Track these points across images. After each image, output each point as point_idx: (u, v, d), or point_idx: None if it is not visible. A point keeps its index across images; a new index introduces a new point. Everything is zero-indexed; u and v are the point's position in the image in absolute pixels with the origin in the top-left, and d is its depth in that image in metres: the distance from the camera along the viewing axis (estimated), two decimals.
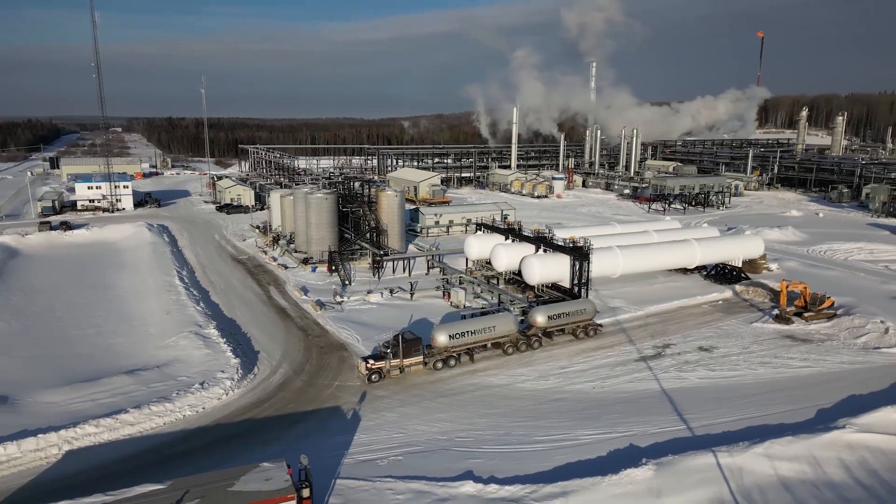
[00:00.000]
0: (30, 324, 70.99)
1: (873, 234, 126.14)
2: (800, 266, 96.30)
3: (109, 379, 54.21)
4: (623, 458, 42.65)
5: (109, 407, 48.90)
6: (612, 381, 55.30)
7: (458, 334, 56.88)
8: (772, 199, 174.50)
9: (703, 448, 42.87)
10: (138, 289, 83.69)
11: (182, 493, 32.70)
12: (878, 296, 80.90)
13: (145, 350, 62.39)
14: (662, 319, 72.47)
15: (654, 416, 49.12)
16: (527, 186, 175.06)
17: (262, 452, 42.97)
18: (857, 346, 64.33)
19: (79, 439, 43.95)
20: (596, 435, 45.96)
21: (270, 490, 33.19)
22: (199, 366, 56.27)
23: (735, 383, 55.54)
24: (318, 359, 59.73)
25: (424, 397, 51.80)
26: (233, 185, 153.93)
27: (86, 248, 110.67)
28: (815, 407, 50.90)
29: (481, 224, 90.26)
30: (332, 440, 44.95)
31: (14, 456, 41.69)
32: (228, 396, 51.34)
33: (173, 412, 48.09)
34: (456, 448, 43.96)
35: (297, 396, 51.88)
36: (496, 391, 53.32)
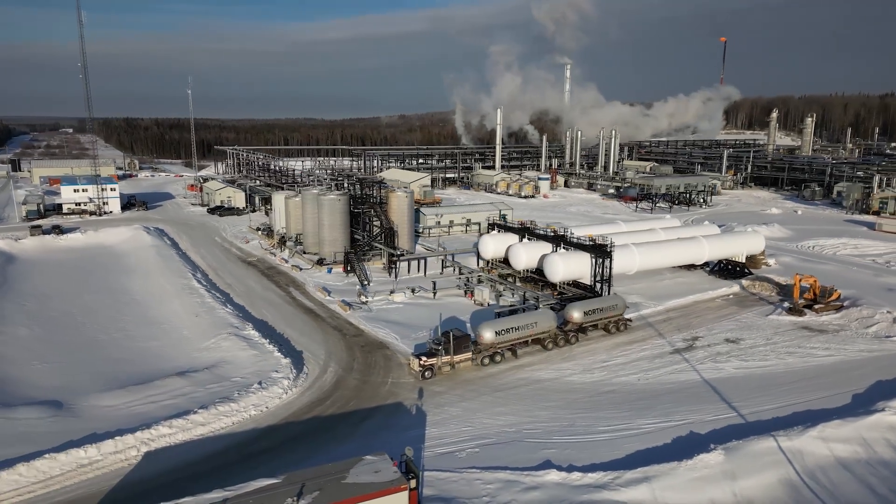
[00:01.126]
0: (53, 329, 69.87)
1: (852, 229, 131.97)
2: (795, 261, 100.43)
3: (162, 381, 54.13)
4: (688, 444, 44.76)
5: (173, 408, 48.97)
6: (655, 373, 57.48)
7: (503, 331, 58.35)
8: (749, 198, 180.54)
9: (759, 433, 45.23)
10: (154, 292, 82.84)
11: (299, 486, 33.39)
12: (875, 288, 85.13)
13: (185, 352, 62.22)
14: (683, 314, 75.18)
15: (704, 404, 51.40)
16: (513, 186, 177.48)
17: (341, 448, 43.83)
18: (869, 336, 67.89)
19: (154, 440, 44.02)
20: (655, 424, 47.96)
21: (384, 481, 34.09)
22: (249, 366, 56.48)
23: (768, 372, 58.27)
24: (363, 357, 60.46)
25: (480, 392, 53.11)
26: (223, 187, 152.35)
27: (83, 252, 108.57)
28: (850, 392, 53.88)
29: (495, 224, 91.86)
30: (405, 435, 45.92)
31: (95, 459, 41.62)
32: (288, 395, 51.79)
33: (239, 412, 48.40)
34: (527, 440, 45.42)
35: (356, 394, 52.63)
36: (547, 385, 54.95)
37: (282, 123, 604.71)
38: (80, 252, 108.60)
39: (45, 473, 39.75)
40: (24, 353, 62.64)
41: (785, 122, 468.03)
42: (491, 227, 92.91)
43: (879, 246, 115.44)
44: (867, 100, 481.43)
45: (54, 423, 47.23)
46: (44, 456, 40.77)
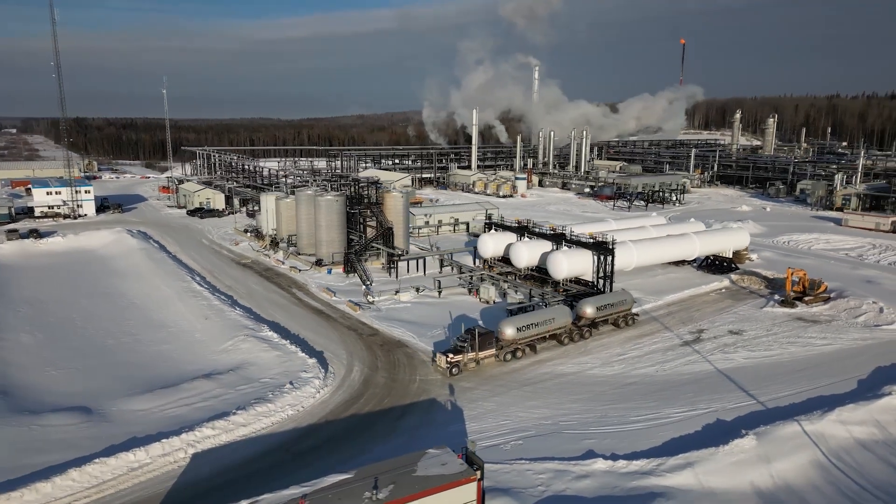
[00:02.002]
0: (57, 335, 68.46)
1: (821, 225, 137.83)
2: (775, 256, 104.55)
3: (190, 384, 53.87)
4: (718, 431, 46.86)
5: (208, 410, 48.87)
6: (670, 365, 59.64)
7: (524, 327, 59.71)
8: (717, 196, 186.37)
9: (781, 419, 47.64)
10: (154, 295, 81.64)
11: (373, 479, 34.04)
12: (855, 280, 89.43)
13: (202, 355, 61.82)
14: (683, 307, 77.84)
15: (723, 393, 53.67)
16: (491, 186, 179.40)
17: (387, 444, 44.56)
18: (859, 325, 71.50)
19: (199, 442, 43.96)
20: (683, 412, 49.95)
21: (454, 473, 34.98)
22: (275, 367, 56.54)
23: (775, 361, 61.01)
24: (384, 356, 61.05)
25: (509, 387, 54.34)
26: (201, 189, 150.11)
27: (66, 256, 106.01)
28: (854, 378, 56.91)
29: (493, 223, 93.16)
30: (446, 430, 46.87)
31: (144, 462, 41.40)
32: (321, 395, 52.13)
33: (277, 412, 48.57)
34: (566, 431, 46.84)
35: (388, 392, 53.26)
36: (571, 378, 56.53)
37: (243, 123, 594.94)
38: (62, 256, 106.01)
39: (97, 478, 39.41)
40: (35, 360, 61.36)
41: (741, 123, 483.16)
42: (488, 226, 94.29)
43: (849, 241, 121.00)
44: (816, 101, 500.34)
45: (90, 429, 46.67)
46: (94, 461, 40.40)
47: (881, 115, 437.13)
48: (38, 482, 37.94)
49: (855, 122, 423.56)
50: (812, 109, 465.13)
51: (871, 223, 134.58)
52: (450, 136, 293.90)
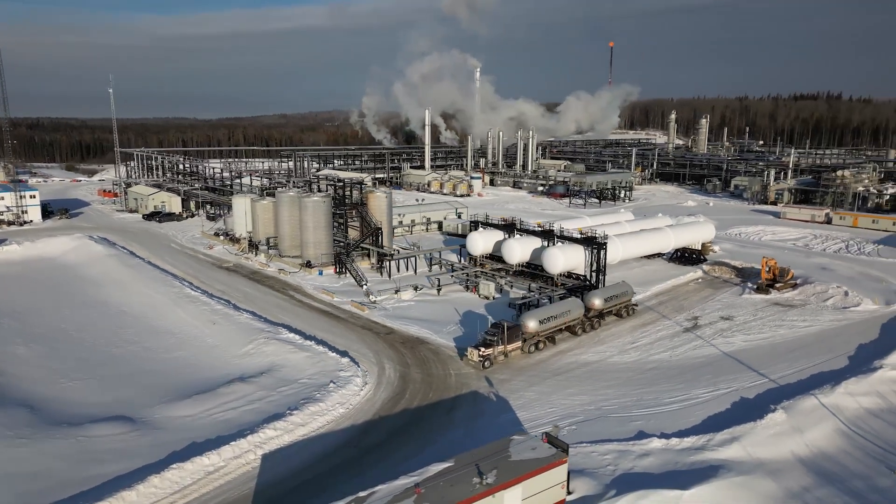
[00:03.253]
0: (56, 347, 65.86)
1: (762, 218, 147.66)
2: (734, 247, 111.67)
3: (226, 388, 53.45)
4: (745, 407, 50.80)
5: (259, 413, 48.81)
6: (681, 350, 63.56)
7: (545, 319, 62.21)
8: (660, 192, 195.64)
9: (797, 394, 52.06)
10: (145, 302, 79.25)
11: (473, 466, 35.49)
12: (811, 267, 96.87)
13: (223, 359, 61.14)
14: (670, 297, 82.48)
15: (736, 373, 57.83)
16: (447, 186, 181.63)
17: (450, 435, 46.12)
18: (829, 308, 77.96)
19: (265, 443, 44.06)
20: (709, 392, 53.68)
21: (547, 456, 36.87)
22: (308, 368, 56.67)
23: (770, 343, 66.03)
24: (410, 353, 62.10)
25: (542, 377, 56.65)
26: (155, 192, 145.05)
27: (26, 265, 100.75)
28: (844, 355, 62.46)
29: (480, 221, 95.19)
30: (500, 419, 48.72)
31: (219, 465, 41.21)
32: (364, 392, 52.82)
33: (329, 411, 49.03)
34: (611, 415, 49.56)
35: (428, 387, 54.48)
36: (595, 366, 59.43)
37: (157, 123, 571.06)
38: (22, 265, 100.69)
39: (178, 483, 39.04)
40: (44, 372, 59.03)
41: (660, 123, 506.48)
42: (474, 224, 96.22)
43: (791, 232, 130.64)
44: (729, 102, 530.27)
45: (142, 437, 45.78)
46: (171, 467, 39.91)
47: (789, 115, 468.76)
48: (122, 491, 37.29)
49: (766, 122, 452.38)
50: (727, 110, 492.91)
51: (807, 215, 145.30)
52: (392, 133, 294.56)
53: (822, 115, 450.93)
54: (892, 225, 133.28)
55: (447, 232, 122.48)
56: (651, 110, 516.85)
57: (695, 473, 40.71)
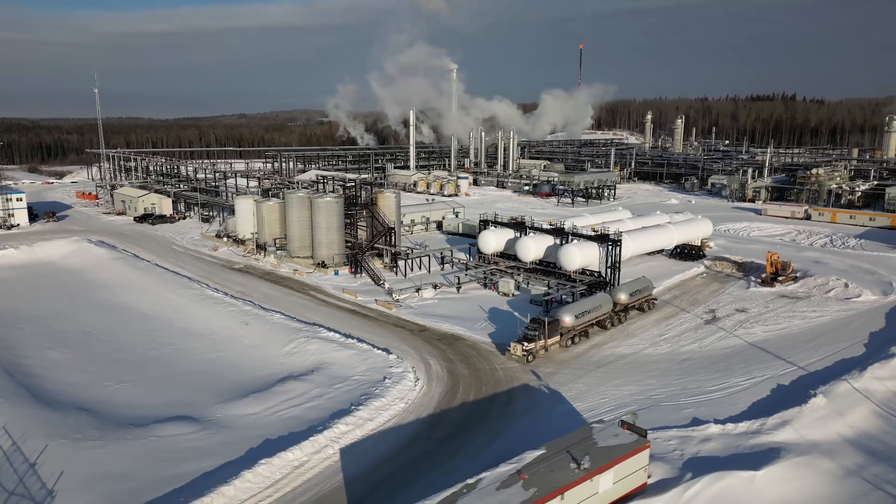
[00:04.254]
0: (88, 351, 65.42)
1: (745, 215, 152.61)
2: (728, 243, 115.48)
3: (282, 386, 54.04)
4: (785, 393, 53.52)
5: (323, 409, 49.64)
6: (708, 341, 66.20)
7: (580, 314, 64.19)
8: (641, 191, 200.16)
9: (829, 380, 54.97)
10: (165, 304, 78.73)
11: (565, 452, 37.08)
12: (805, 261, 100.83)
13: (266, 359, 61.56)
14: (682, 291, 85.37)
15: (766, 362, 60.60)
16: (434, 186, 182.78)
17: (517, 426, 47.65)
18: (833, 299, 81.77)
19: (341, 438, 44.97)
20: (748, 380, 56.28)
21: (631, 442, 38.72)
22: (358, 365, 57.51)
23: (789, 333, 69.14)
24: (450, 350, 63.34)
25: (586, 370, 58.54)
26: (145, 194, 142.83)
27: (28, 269, 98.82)
28: (860, 342, 65.86)
29: (490, 220, 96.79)
30: (559, 409, 50.47)
31: (303, 460, 42.00)
32: (419, 387, 53.94)
33: (391, 405, 50.08)
34: (662, 403, 51.70)
35: (478, 381, 55.86)
36: (633, 358, 61.60)
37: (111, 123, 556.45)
38: (23, 269, 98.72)
39: (269, 478, 39.73)
40: (85, 376, 58.70)
41: (627, 123, 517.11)
42: (483, 223, 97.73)
43: (776, 228, 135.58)
44: (692, 103, 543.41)
45: (213, 435, 46.17)
46: (259, 462, 40.53)
47: (749, 116, 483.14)
48: (219, 486, 37.85)
49: (729, 122, 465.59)
50: (690, 111, 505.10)
51: (787, 212, 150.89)
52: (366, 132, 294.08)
53: (781, 115, 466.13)
54: (868, 220, 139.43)
55: (448, 231, 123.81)
56: (617, 111, 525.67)
57: (758, 455, 43.01)
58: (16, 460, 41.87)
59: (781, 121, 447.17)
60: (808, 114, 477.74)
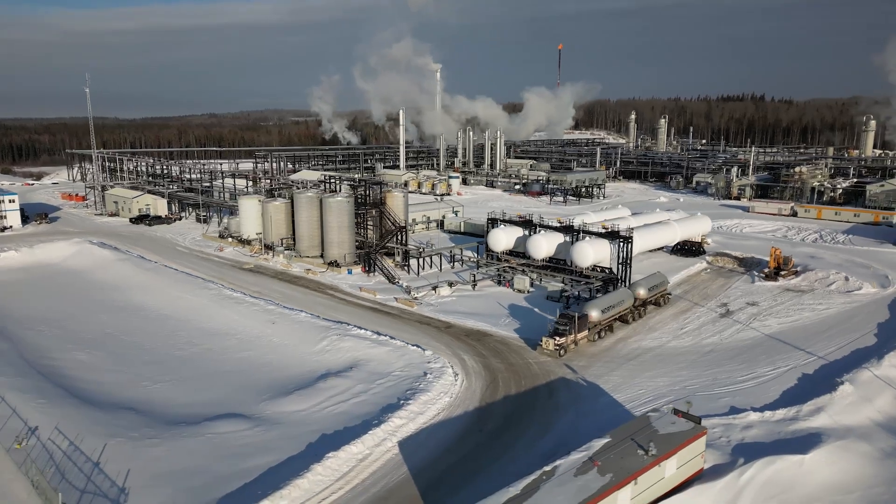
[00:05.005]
0: (117, 352, 65.18)
1: (733, 212, 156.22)
2: (723, 239, 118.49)
3: (324, 383, 54.69)
4: (811, 381, 55.68)
5: (371, 404, 50.46)
6: (728, 333, 68.28)
7: (605, 309, 65.78)
8: (628, 189, 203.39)
9: (850, 368, 57.30)
10: (183, 305, 78.45)
11: (630, 440, 38.43)
12: (800, 256, 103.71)
13: (299, 357, 62.03)
14: (691, 286, 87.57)
15: (787, 353, 62.78)
16: (426, 185, 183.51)
17: (564, 418, 48.95)
18: (836, 292, 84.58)
19: (396, 431, 45.77)
20: (773, 370, 58.34)
21: (690, 429, 40.25)
22: (396, 361, 58.29)
23: (801, 325, 71.55)
24: (480, 345, 64.37)
25: (617, 363, 60.06)
26: (139, 195, 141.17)
27: (30, 271, 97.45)
28: (870, 333, 68.49)
29: (499, 219, 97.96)
30: (600, 401, 51.89)
31: (366, 453, 42.77)
32: (459, 381, 54.88)
33: (437, 399, 51.05)
34: (698, 393, 53.36)
35: (516, 375, 57.02)
36: (659, 351, 63.34)
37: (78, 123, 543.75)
38: (25, 271, 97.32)
39: (337, 471, 40.45)
40: (119, 377, 58.59)
41: (604, 123, 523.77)
42: (491, 222, 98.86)
43: (765, 224, 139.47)
44: (666, 103, 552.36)
45: (269, 431, 46.68)
46: (326, 456, 41.21)
47: (723, 116, 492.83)
48: (294, 479, 38.48)
49: (703, 122, 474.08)
50: (665, 110, 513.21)
51: (774, 209, 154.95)
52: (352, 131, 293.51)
53: (753, 115, 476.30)
54: (853, 216, 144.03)
55: (450, 230, 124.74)
56: (594, 111, 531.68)
57: (800, 441, 44.89)
58: (77, 459, 41.90)
59: (754, 120, 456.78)
60: (779, 113, 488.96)
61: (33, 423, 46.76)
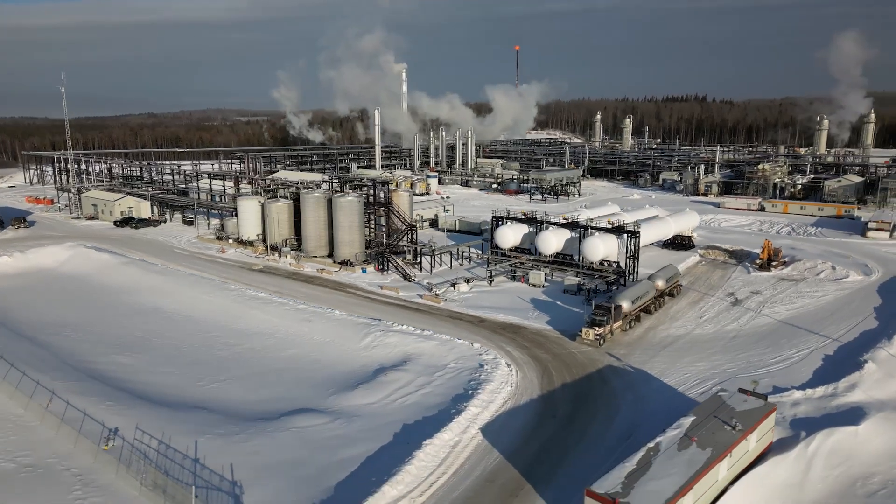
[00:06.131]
0: (156, 354, 64.83)
1: (704, 208, 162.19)
2: (707, 233, 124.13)
3: (385, 377, 56.04)
4: (835, 361, 60.09)
5: (438, 396, 52.28)
6: (744, 320, 72.41)
7: (635, 300, 68.99)
8: (599, 188, 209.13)
9: (865, 348, 61.89)
10: (205, 307, 78.08)
11: (713, 417, 41.35)
12: (782, 248, 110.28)
13: (347, 353, 63.13)
14: (694, 278, 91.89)
15: (804, 336, 67.11)
16: (404, 185, 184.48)
17: (629, 399, 51.64)
18: (825, 280, 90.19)
19: (476, 419, 47.58)
20: (798, 352, 62.51)
21: (764, 406, 43.52)
22: (448, 354, 60.00)
23: (806, 311, 76.29)
24: (518, 338, 66.58)
25: (654, 350, 63.24)
26: (121, 198, 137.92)
27: (28, 277, 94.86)
28: (870, 316, 73.64)
29: (504, 217, 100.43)
30: (651, 385, 54.88)
31: (456, 440, 44.38)
32: (513, 371, 56.94)
33: (501, 389, 53.14)
34: (739, 375, 56.85)
35: (564, 364, 59.47)
36: (688, 338, 66.82)
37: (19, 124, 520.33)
38: (24, 277, 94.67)
39: (437, 457, 42.07)
40: (169, 378, 58.68)
41: (560, 123, 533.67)
42: (496, 219, 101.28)
43: (738, 218, 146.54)
44: (616, 103, 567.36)
45: (350, 424, 47.92)
46: (424, 443, 42.83)
47: (672, 116, 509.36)
48: (402, 465, 39.88)
49: (655, 122, 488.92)
50: (617, 111, 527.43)
51: (743, 204, 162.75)
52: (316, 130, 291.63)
53: (701, 115, 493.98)
54: (818, 210, 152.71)
55: (444, 228, 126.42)
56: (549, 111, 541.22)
57: (846, 414, 48.78)
58: (174, 457, 42.18)
59: (702, 120, 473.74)
60: (724, 114, 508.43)
61: (110, 424, 46.61)
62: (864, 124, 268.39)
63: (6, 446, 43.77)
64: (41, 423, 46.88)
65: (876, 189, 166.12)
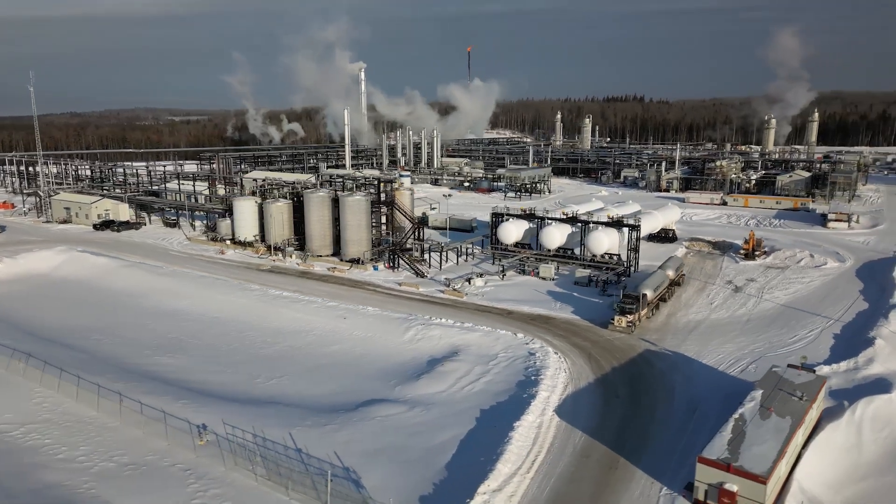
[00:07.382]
0: (198, 354, 64.77)
1: (672, 203, 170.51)
2: (686, 227, 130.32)
3: (441, 367, 58.29)
4: (844, 339, 65.49)
5: (499, 383, 55.20)
6: (750, 305, 77.52)
7: (655, 288, 73.03)
8: (565, 185, 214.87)
9: (868, 327, 67.62)
10: (229, 308, 77.85)
11: (778, 389, 45.29)
12: None
13: (391, 347, 64.76)
14: (689, 268, 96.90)
15: (808, 318, 72.58)
16: None
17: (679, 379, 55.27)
18: (807, 267, 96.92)
19: (547, 403, 50.32)
20: (810, 332, 67.76)
21: (817, 378, 47.89)
22: (496, 345, 62.45)
23: (801, 296, 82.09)
24: (552, 327, 69.54)
25: (682, 335, 67.28)
26: (98, 200, 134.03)
27: (23, 283, 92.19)
28: (859, 298, 79.88)
29: (505, 213, 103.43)
30: (694, 366, 58.65)
31: (537, 423, 46.92)
32: (562, 357, 59.82)
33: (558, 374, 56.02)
34: (766, 355, 61.38)
35: (606, 350, 62.77)
36: (709, 323, 71.22)
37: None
38: (20, 283, 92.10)
39: (530, 437, 44.57)
40: (221, 377, 59.33)
41: (508, 123, 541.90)
42: (496, 216, 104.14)
43: (706, 212, 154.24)
44: (562, 103, 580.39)
45: (427, 412, 49.91)
46: (514, 425, 45.31)
47: (616, 114, 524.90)
48: (506, 446, 42.08)
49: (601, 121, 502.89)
50: (563, 110, 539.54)
51: (707, 199, 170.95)
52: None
53: (643, 115, 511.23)
54: (776, 204, 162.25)
55: (435, 226, 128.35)
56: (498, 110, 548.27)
57: (873, 384, 53.82)
58: (273, 448, 43.10)
59: (646, 119, 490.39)
60: (663, 113, 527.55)
61: (194, 420, 46.98)
62: (809, 123, 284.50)
63: (97, 447, 43.76)
64: (121, 423, 46.83)
65: (824, 183, 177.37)
